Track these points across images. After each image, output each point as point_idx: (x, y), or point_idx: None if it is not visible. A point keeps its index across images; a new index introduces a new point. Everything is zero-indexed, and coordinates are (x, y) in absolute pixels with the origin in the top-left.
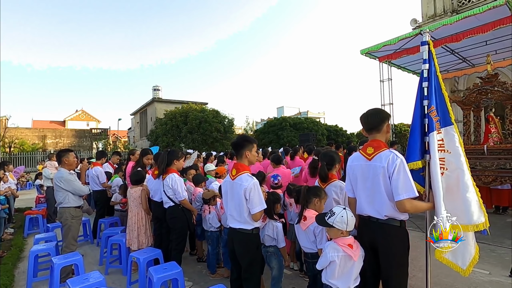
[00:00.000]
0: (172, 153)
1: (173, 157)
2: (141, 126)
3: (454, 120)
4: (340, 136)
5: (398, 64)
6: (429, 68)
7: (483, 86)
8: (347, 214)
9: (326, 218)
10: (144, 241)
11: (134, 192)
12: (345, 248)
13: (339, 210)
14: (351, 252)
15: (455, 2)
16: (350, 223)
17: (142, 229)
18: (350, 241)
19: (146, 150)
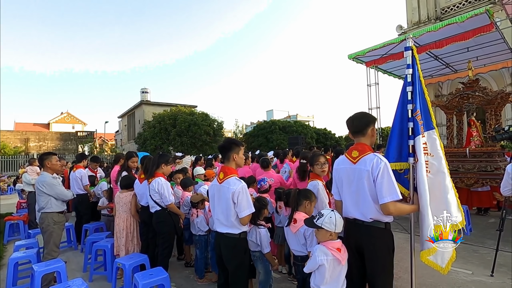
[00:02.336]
0: (162, 156)
1: (163, 160)
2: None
3: (435, 124)
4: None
5: (384, 69)
6: (413, 73)
7: (464, 91)
8: (335, 215)
9: (314, 220)
10: (130, 249)
11: (124, 197)
12: (334, 252)
13: (327, 212)
14: (339, 256)
15: (438, 10)
16: (338, 224)
17: (129, 236)
18: (338, 245)
19: (131, 153)
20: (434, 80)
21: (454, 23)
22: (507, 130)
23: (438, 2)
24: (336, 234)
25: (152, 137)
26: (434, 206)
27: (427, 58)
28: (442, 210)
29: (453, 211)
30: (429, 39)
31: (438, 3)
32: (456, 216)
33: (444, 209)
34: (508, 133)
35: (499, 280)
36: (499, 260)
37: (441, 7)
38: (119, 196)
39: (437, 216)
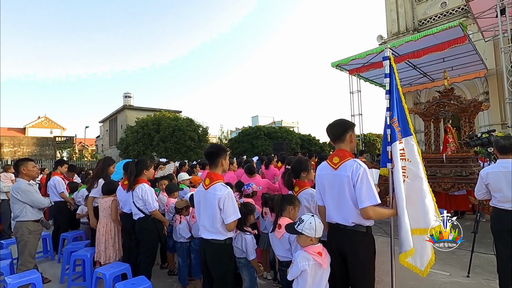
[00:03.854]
0: (140, 163)
1: (142, 166)
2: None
3: (413, 130)
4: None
5: (366, 77)
6: (390, 82)
7: (441, 99)
8: (315, 220)
9: (295, 226)
10: (111, 255)
11: (104, 202)
12: (315, 256)
13: (308, 218)
14: (320, 260)
15: (416, 21)
16: (318, 229)
17: (110, 242)
18: (319, 249)
19: (109, 158)
20: (412, 88)
21: (430, 35)
22: (479, 137)
23: (416, 14)
24: (317, 239)
25: (134, 143)
26: (412, 210)
27: (406, 67)
28: (420, 214)
29: (431, 215)
30: (407, 49)
31: (415, 15)
32: (434, 220)
33: (422, 213)
34: (480, 139)
35: (474, 281)
36: (474, 261)
37: (418, 19)
38: (100, 202)
39: (415, 220)
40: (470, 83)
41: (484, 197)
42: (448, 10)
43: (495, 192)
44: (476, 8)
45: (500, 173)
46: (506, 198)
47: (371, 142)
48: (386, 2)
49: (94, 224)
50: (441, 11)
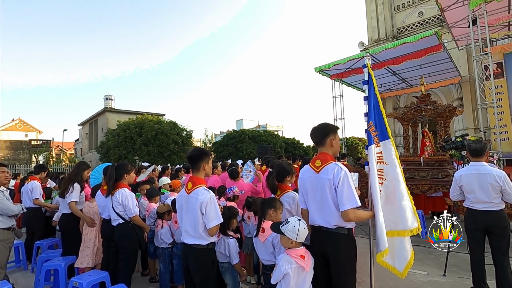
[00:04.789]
0: (120, 167)
1: (122, 171)
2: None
3: (390, 134)
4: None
5: (348, 82)
6: (368, 88)
7: (418, 105)
8: (299, 225)
9: (280, 226)
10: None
11: (94, 207)
12: (297, 259)
13: (294, 220)
14: (303, 263)
15: (395, 29)
16: (300, 234)
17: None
18: (302, 252)
19: (84, 162)
20: (392, 93)
21: (408, 43)
22: (454, 141)
23: (395, 23)
24: (299, 243)
25: (116, 146)
26: (390, 213)
27: (386, 73)
28: (397, 216)
29: (408, 217)
30: (387, 56)
31: (395, 23)
32: (412, 222)
33: (399, 215)
34: (455, 143)
35: (450, 279)
36: (450, 261)
37: (397, 27)
38: (89, 206)
39: (393, 222)
40: (446, 89)
41: (458, 198)
42: (425, 19)
43: (468, 194)
44: (450, 18)
45: (473, 175)
46: (478, 199)
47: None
48: (367, 10)
49: (91, 223)
50: (418, 20)
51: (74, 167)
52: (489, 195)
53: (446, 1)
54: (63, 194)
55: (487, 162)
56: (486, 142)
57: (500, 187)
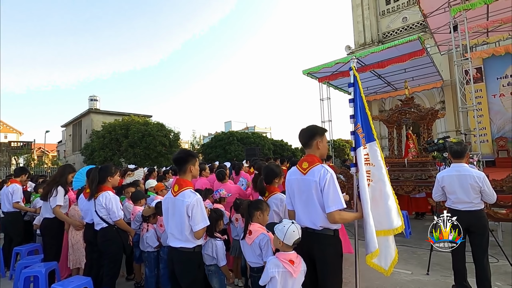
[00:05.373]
0: (104, 169)
1: (106, 173)
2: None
3: (376, 136)
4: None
5: (335, 85)
6: (354, 91)
7: (402, 108)
8: (289, 227)
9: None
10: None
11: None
12: (285, 264)
13: (286, 222)
14: (291, 268)
15: (380, 34)
16: (288, 236)
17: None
18: (292, 257)
19: (70, 166)
20: (378, 96)
21: (392, 47)
22: (436, 143)
23: (380, 27)
24: (288, 246)
25: (101, 148)
26: (376, 213)
27: (372, 77)
28: (383, 216)
29: (394, 216)
30: (373, 59)
31: (380, 28)
32: (397, 221)
33: (385, 215)
34: (437, 145)
35: (433, 278)
36: (433, 260)
37: (382, 32)
38: (74, 209)
39: (379, 221)
40: (429, 92)
41: (440, 198)
42: (409, 24)
43: (449, 194)
44: (432, 24)
45: (454, 176)
46: (459, 199)
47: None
48: (353, 15)
49: (78, 225)
50: (403, 25)
51: (59, 169)
52: (469, 196)
53: (429, 8)
54: (46, 197)
55: (468, 164)
56: (466, 144)
57: (480, 188)
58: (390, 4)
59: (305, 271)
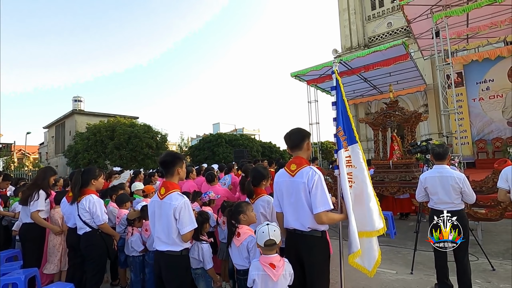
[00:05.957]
0: (87, 172)
1: (90, 176)
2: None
3: (358, 139)
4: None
5: (323, 88)
6: (336, 94)
7: (387, 111)
8: (260, 228)
9: None
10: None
11: (55, 213)
12: (266, 267)
13: (263, 224)
14: (271, 272)
15: (366, 38)
16: (258, 237)
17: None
18: (274, 260)
19: (51, 168)
20: (364, 99)
21: (378, 51)
22: (419, 145)
23: (366, 32)
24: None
25: (85, 150)
26: (359, 214)
27: (359, 80)
28: (366, 218)
29: (375, 218)
30: (359, 63)
31: (366, 32)
32: (379, 223)
33: (367, 217)
34: (420, 147)
35: (417, 277)
36: (417, 259)
37: (368, 36)
38: (52, 212)
39: (361, 223)
40: (413, 96)
41: (423, 199)
42: (394, 29)
43: (432, 195)
44: (416, 29)
45: (436, 178)
46: (441, 200)
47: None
48: (340, 19)
49: (58, 231)
50: (388, 30)
51: (39, 172)
52: (451, 196)
53: (412, 14)
54: (25, 201)
55: (449, 165)
56: (448, 146)
57: (460, 189)
58: (375, 9)
59: (290, 275)
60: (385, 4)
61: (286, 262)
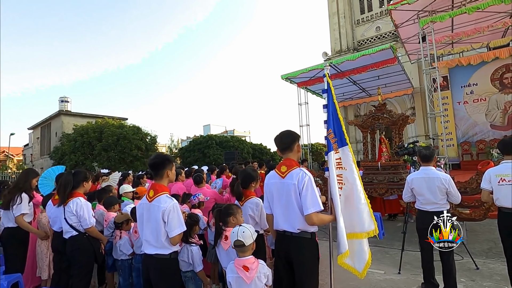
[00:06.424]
0: (79, 174)
1: (82, 177)
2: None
3: (348, 141)
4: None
5: (313, 90)
6: (327, 96)
7: (375, 113)
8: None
9: None
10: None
11: (43, 217)
12: (239, 270)
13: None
14: (243, 274)
15: (355, 42)
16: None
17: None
18: (247, 262)
19: (33, 170)
20: (354, 102)
21: (367, 55)
22: (406, 147)
23: (355, 35)
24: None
25: (72, 152)
26: (349, 216)
27: (348, 83)
28: (355, 219)
29: (365, 219)
30: (348, 66)
31: (355, 36)
32: (369, 224)
33: (357, 218)
34: (407, 149)
35: (404, 277)
36: (404, 259)
37: (357, 40)
38: (40, 217)
39: (351, 224)
40: (400, 99)
41: (410, 200)
42: (382, 34)
43: (418, 196)
44: (403, 34)
45: (423, 179)
46: (428, 200)
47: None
48: (330, 23)
49: (43, 235)
50: (376, 34)
51: (20, 174)
52: (436, 197)
53: (400, 19)
54: (7, 205)
55: (435, 167)
56: (434, 148)
57: (446, 189)
58: (364, 13)
59: (266, 276)
60: (374, 8)
61: (261, 263)
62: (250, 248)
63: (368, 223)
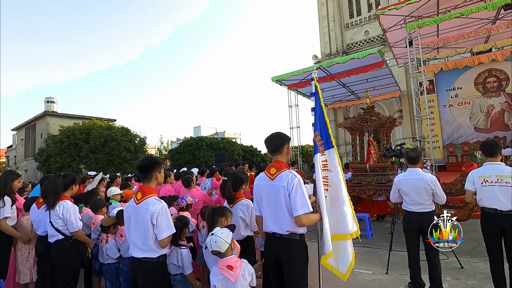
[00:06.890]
0: (67, 177)
1: (71, 180)
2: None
3: (335, 143)
4: (255, 156)
5: (303, 92)
6: (315, 100)
7: (364, 116)
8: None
9: None
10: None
11: (25, 221)
12: (223, 270)
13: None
14: (228, 274)
15: (345, 45)
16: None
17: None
18: (231, 262)
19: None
20: (343, 104)
21: (355, 58)
22: (394, 149)
23: (345, 39)
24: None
25: (58, 154)
26: (333, 218)
27: (338, 86)
28: (340, 221)
29: (349, 221)
30: (338, 69)
31: (344, 39)
32: (352, 226)
33: (341, 220)
34: (394, 151)
35: (392, 277)
36: (392, 259)
37: (346, 43)
38: (21, 220)
39: (336, 226)
40: (388, 101)
41: (397, 200)
42: (370, 37)
43: (405, 196)
44: (391, 38)
45: (409, 180)
46: (414, 201)
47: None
48: (320, 26)
49: (26, 239)
50: (365, 38)
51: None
52: (422, 198)
53: (387, 23)
54: None
55: (422, 168)
56: (420, 150)
57: (432, 190)
58: (353, 17)
59: (250, 274)
60: (363, 13)
61: (244, 262)
62: (230, 249)
63: (351, 225)
